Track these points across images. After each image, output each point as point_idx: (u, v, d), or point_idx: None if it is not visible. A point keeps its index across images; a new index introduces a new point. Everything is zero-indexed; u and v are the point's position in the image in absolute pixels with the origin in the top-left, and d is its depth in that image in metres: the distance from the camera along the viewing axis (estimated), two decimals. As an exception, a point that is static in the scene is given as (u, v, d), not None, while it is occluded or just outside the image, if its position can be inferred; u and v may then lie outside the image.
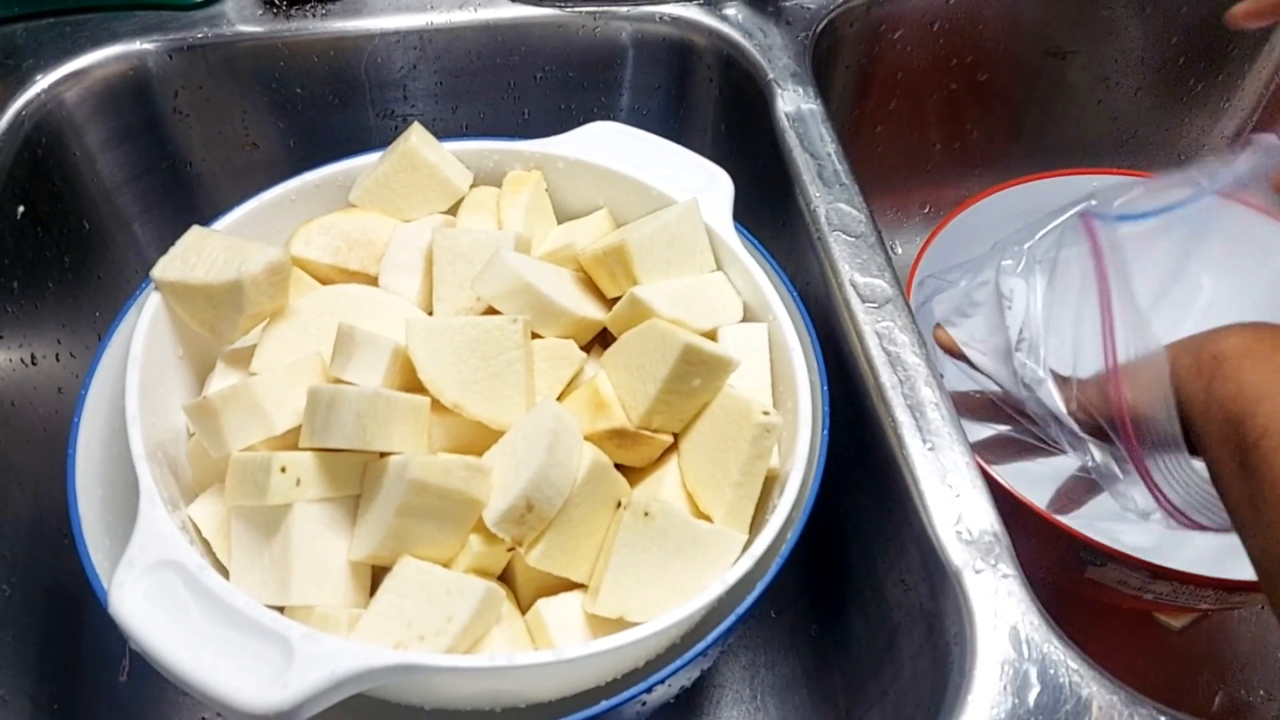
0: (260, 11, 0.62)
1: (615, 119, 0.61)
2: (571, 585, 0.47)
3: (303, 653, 0.39)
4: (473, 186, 0.58)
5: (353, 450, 0.44)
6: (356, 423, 0.43)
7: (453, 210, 0.57)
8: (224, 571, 0.46)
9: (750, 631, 0.64)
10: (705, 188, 0.57)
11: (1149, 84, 0.85)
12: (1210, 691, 0.65)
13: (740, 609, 0.44)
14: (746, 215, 0.56)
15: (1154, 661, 0.67)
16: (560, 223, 0.59)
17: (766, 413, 0.46)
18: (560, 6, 0.67)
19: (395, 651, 0.40)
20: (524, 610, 0.47)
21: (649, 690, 0.43)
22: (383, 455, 0.44)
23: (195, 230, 0.51)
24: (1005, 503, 0.56)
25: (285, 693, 0.37)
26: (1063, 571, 0.58)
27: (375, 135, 0.69)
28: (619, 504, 0.47)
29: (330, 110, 0.67)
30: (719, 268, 0.56)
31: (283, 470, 0.44)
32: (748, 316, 0.54)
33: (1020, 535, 0.57)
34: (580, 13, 0.67)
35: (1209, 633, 0.68)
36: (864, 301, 0.54)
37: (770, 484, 0.49)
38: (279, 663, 0.39)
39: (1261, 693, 0.65)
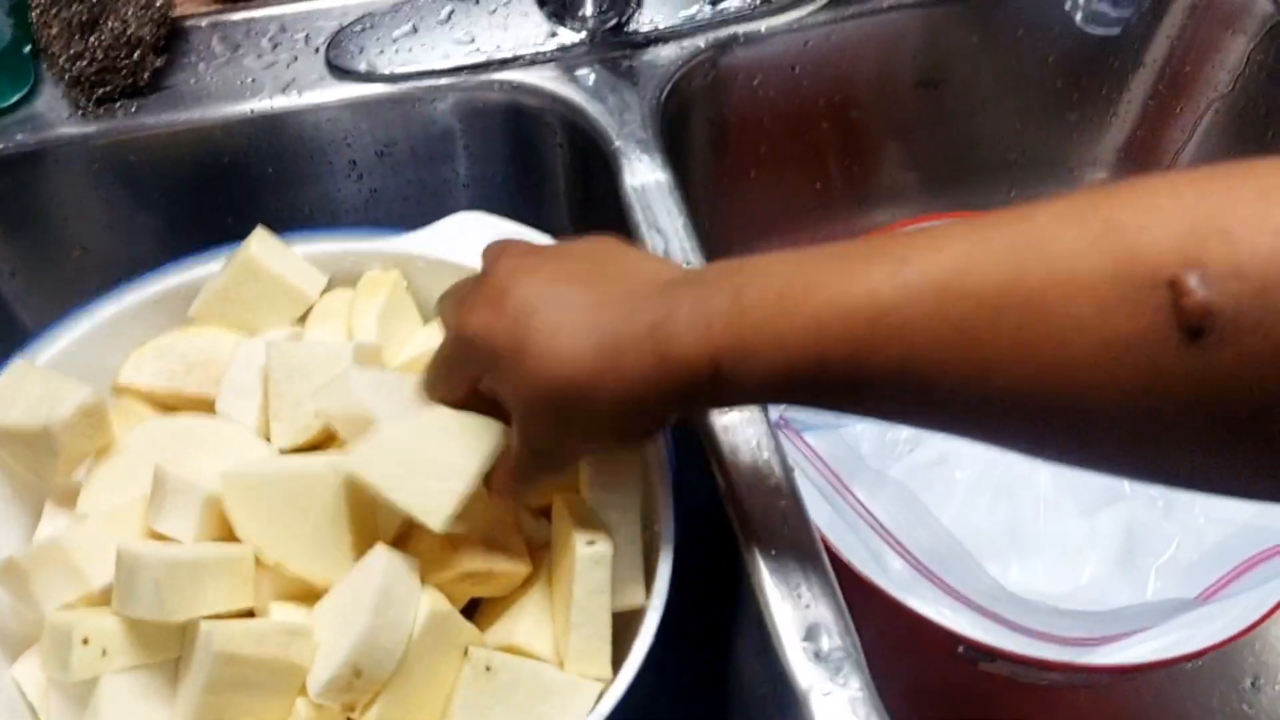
0: (68, 113, 0.59)
1: (467, 190, 0.58)
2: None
3: None
4: (329, 289, 0.55)
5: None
6: (156, 593, 0.39)
7: (304, 318, 0.54)
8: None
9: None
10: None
11: (1030, 105, 0.82)
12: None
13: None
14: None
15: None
16: (427, 323, 0.56)
17: (592, 542, 0.42)
18: (391, 82, 0.63)
19: None
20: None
21: None
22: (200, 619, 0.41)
23: (17, 364, 0.48)
24: (890, 608, 0.54)
25: None
26: (958, 668, 0.55)
27: (213, 229, 0.64)
28: (467, 651, 0.43)
29: (158, 208, 0.64)
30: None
31: (85, 642, 0.40)
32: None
33: (910, 639, 0.54)
34: (414, 87, 0.63)
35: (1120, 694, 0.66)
36: None
37: (636, 617, 0.46)
38: None
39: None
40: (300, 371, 0.48)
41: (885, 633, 0.50)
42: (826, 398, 0.35)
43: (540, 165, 0.68)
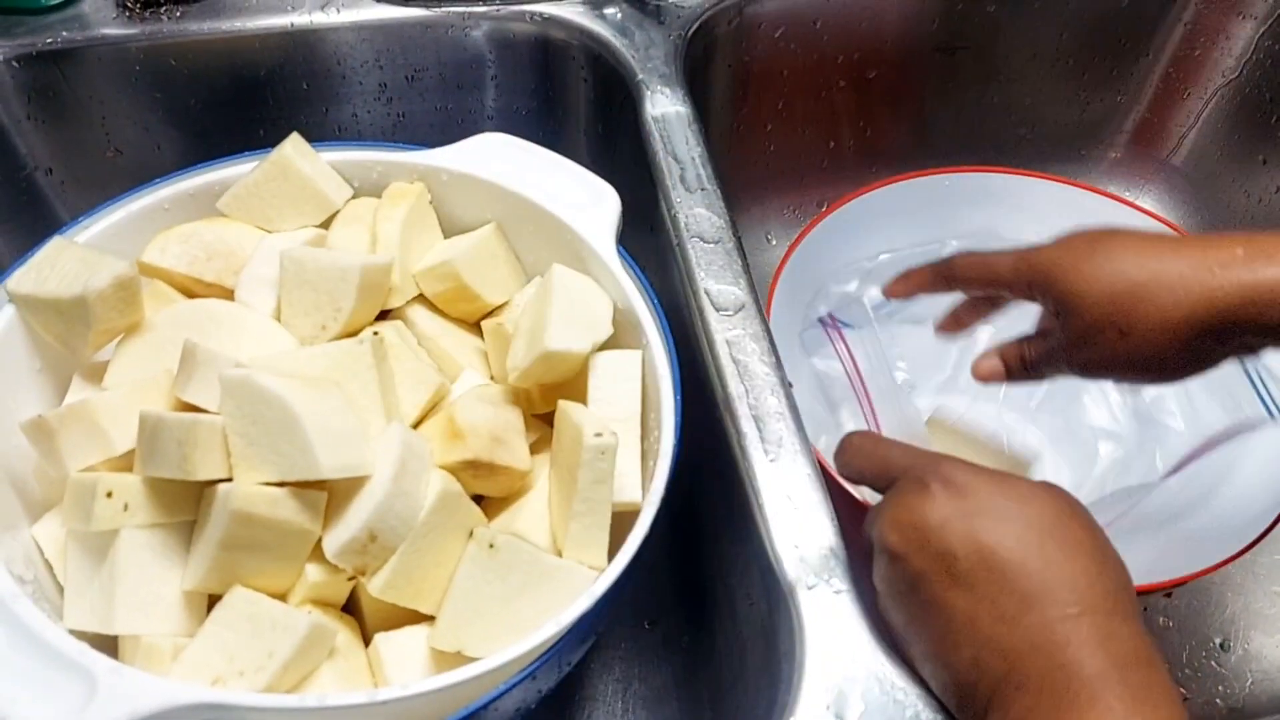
0: (114, 14, 0.61)
1: (492, 119, 0.60)
2: (426, 617, 0.46)
3: (106, 688, 0.37)
4: (356, 197, 0.57)
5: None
6: (178, 451, 0.41)
7: (328, 223, 0.56)
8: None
9: (624, 642, 0.62)
10: (591, 203, 0.55)
11: (1042, 80, 0.83)
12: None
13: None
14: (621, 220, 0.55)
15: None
16: (449, 235, 0.58)
17: (599, 434, 0.44)
18: (426, 6, 0.65)
19: (200, 689, 0.38)
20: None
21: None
22: (217, 481, 0.43)
23: (56, 241, 0.50)
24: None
25: (81, 731, 0.36)
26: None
27: (243, 140, 0.66)
28: (473, 533, 0.45)
29: (192, 115, 0.66)
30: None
31: (109, 495, 0.42)
32: (621, 342, 0.52)
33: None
34: (448, 13, 0.65)
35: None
36: (717, 310, 0.52)
37: (631, 519, 0.48)
38: (80, 698, 0.37)
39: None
40: (309, 285, 0.50)
41: (868, 554, 0.51)
42: None
43: (564, 98, 0.70)
